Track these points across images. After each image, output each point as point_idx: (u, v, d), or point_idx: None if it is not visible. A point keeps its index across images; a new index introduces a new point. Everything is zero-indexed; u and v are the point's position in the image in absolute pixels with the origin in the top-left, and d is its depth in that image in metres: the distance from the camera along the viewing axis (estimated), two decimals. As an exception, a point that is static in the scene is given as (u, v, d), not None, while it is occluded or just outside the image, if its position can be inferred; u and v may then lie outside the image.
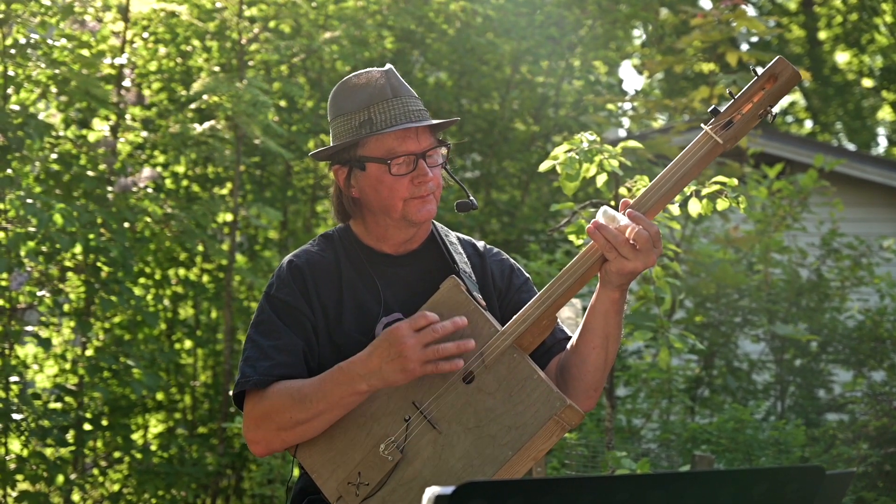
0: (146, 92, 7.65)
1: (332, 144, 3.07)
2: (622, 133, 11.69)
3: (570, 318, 4.74)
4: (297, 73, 8.46)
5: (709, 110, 2.78)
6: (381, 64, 5.73)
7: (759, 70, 2.75)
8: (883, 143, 28.16)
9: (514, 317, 2.86)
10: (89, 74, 6.50)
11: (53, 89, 6.71)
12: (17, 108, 6.19)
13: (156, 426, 8.04)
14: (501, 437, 2.76)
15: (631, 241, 2.73)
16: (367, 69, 3.07)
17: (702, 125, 2.79)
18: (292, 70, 8.39)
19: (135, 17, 7.46)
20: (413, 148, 2.97)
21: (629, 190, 4.39)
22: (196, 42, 7.81)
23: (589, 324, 2.92)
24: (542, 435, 2.74)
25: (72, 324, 6.95)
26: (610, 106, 9.45)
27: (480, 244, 3.23)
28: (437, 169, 3.03)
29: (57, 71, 6.35)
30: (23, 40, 6.16)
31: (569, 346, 3.00)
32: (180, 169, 7.83)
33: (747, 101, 2.75)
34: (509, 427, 2.76)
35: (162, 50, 7.74)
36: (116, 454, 7.45)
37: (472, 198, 3.11)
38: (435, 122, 3.00)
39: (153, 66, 7.77)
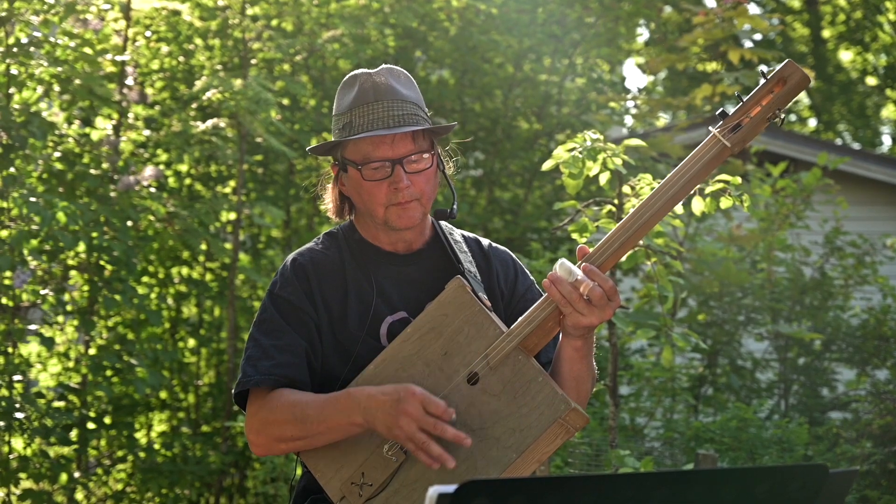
0: (149, 90, 7.65)
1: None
2: (624, 131, 11.69)
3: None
4: (299, 72, 8.46)
5: (717, 113, 2.77)
6: (383, 62, 5.72)
7: (768, 73, 2.74)
8: (887, 141, 28.15)
9: (520, 318, 2.85)
10: (92, 72, 6.50)
11: (56, 88, 6.70)
12: (18, 106, 6.18)
13: (159, 425, 8.04)
14: (505, 440, 2.75)
15: (585, 297, 2.74)
16: (363, 70, 3.07)
17: (710, 128, 2.78)
18: (295, 68, 8.38)
19: (136, 15, 7.46)
20: (387, 154, 2.95)
21: (633, 188, 4.39)
22: (198, 41, 7.81)
23: (556, 368, 2.95)
24: (546, 438, 2.74)
25: (75, 322, 6.95)
26: (613, 104, 9.45)
27: (485, 243, 3.22)
28: (424, 174, 2.99)
29: (60, 69, 6.35)
30: (25, 39, 6.16)
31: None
32: (183, 167, 7.83)
33: (756, 104, 2.73)
34: (513, 429, 2.75)
35: (164, 48, 7.74)
36: (120, 453, 7.46)
37: (454, 207, 3.10)
38: (406, 129, 2.95)
39: (156, 65, 7.77)
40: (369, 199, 2.98)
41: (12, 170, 6.04)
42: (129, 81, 7.16)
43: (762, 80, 2.74)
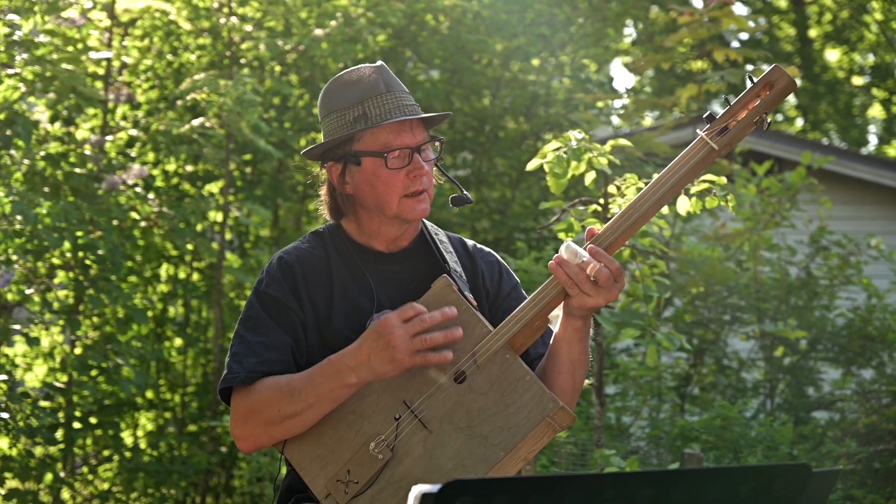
0: (137, 90, 7.62)
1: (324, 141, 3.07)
2: (611, 130, 11.70)
3: (556, 315, 4.73)
4: (289, 72, 8.45)
5: (704, 116, 2.80)
6: (372, 62, 5.73)
7: (755, 77, 2.77)
8: (873, 140, 28.21)
9: (508, 317, 2.87)
10: (76, 70, 6.47)
11: (38, 85, 6.67)
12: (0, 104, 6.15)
13: (146, 424, 8.03)
14: (493, 438, 2.76)
15: (592, 279, 2.75)
16: (359, 66, 3.07)
17: (697, 131, 2.80)
18: (285, 69, 8.37)
19: (122, 14, 7.43)
20: (409, 141, 2.98)
21: (618, 188, 4.40)
22: (189, 40, 7.79)
23: (554, 350, 2.96)
24: (533, 436, 2.75)
25: (61, 322, 6.93)
26: (600, 104, 9.46)
27: (470, 243, 3.23)
28: (430, 164, 3.03)
29: (40, 67, 6.31)
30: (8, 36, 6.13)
31: (538, 368, 3.02)
32: (171, 167, 7.81)
33: (743, 107, 2.77)
34: (501, 428, 2.76)
35: (154, 48, 7.72)
36: (106, 452, 7.44)
37: (466, 192, 3.11)
38: (429, 114, 3.02)
39: (144, 65, 7.74)
40: (385, 190, 2.98)
41: (-4, 168, 6.03)
42: (117, 80, 7.13)
43: (749, 84, 2.76)
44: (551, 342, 2.98)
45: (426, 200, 3.01)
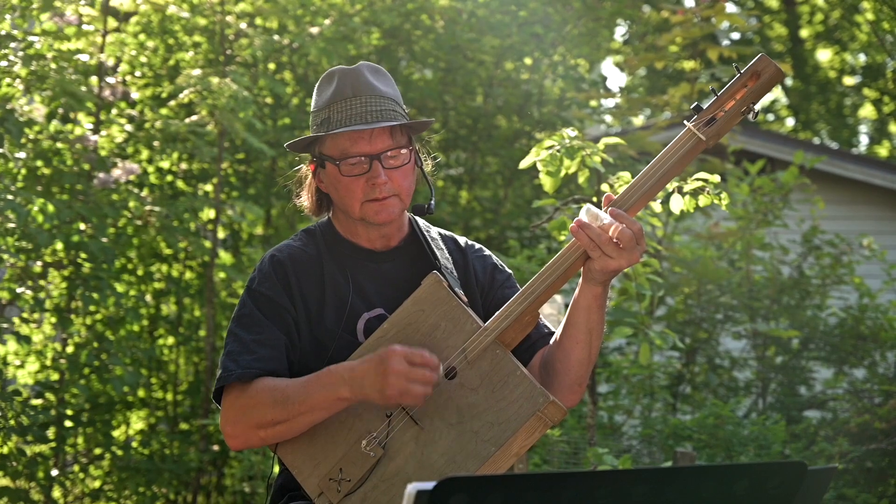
0: (132, 87, 7.59)
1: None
2: (603, 128, 11.70)
3: (551, 314, 4.74)
4: (283, 70, 8.43)
5: (691, 107, 2.78)
6: (367, 60, 5.70)
7: (743, 67, 2.75)
8: (864, 140, 28.25)
9: (497, 313, 2.86)
10: (70, 68, 6.44)
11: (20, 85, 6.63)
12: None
13: (137, 423, 8.01)
14: (484, 433, 2.76)
15: (614, 240, 2.74)
16: (341, 66, 3.07)
17: (684, 122, 2.79)
18: (279, 66, 8.36)
19: (122, 9, 7.41)
20: (365, 149, 2.96)
21: (611, 186, 4.40)
22: (186, 38, 7.77)
23: (572, 318, 2.92)
24: (525, 431, 2.74)
25: (53, 320, 6.91)
26: (593, 102, 9.46)
27: (462, 240, 3.23)
28: (401, 170, 3.00)
29: (34, 66, 6.28)
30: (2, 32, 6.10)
31: (552, 341, 3.00)
32: (165, 164, 7.78)
33: (730, 98, 2.75)
34: (492, 423, 2.76)
35: (148, 45, 7.69)
36: (97, 451, 7.42)
37: (431, 203, 3.10)
38: (385, 124, 2.97)
39: (139, 61, 7.71)
40: (346, 195, 2.98)
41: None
42: (111, 80, 7.10)
43: (737, 75, 2.75)
44: (568, 312, 2.95)
45: (391, 205, 2.99)
